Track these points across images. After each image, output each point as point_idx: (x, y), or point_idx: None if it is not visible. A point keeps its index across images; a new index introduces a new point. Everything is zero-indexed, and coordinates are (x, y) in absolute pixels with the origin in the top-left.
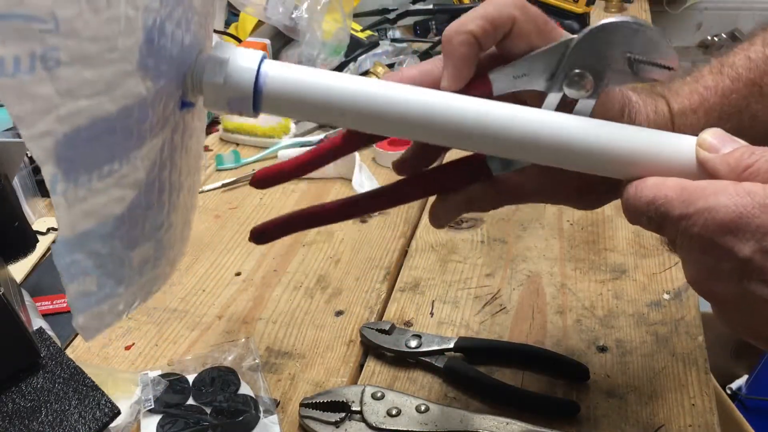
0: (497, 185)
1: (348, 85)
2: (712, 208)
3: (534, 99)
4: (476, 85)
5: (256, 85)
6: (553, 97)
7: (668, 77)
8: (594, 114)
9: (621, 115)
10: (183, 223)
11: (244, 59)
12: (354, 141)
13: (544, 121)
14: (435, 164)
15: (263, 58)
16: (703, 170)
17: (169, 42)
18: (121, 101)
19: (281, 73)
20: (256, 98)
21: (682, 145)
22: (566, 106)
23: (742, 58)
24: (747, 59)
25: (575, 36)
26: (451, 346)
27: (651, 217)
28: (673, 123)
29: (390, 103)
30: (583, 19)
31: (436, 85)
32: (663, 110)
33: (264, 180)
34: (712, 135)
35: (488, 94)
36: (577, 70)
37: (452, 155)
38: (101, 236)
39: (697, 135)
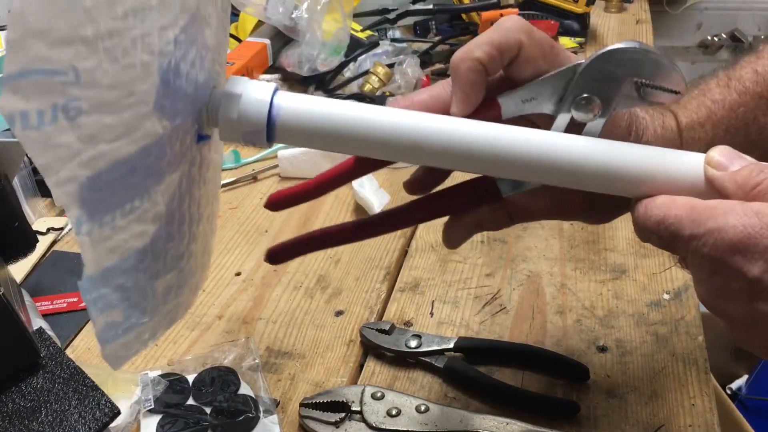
0: (507, 206)
1: (360, 114)
2: (721, 228)
3: (543, 121)
4: (485, 109)
5: (269, 119)
6: (562, 119)
7: (675, 101)
8: (602, 131)
9: (628, 131)
10: (203, 251)
11: (257, 93)
12: (366, 164)
13: (554, 144)
14: (443, 185)
15: (276, 90)
16: (712, 188)
17: (184, 81)
18: (140, 142)
19: (293, 105)
20: (270, 130)
21: (690, 163)
22: (575, 127)
23: (749, 71)
24: (754, 73)
25: (583, 61)
26: (451, 346)
27: (661, 236)
28: (681, 137)
29: (402, 132)
30: (583, 19)
31: (446, 108)
32: (671, 125)
33: (277, 203)
34: (720, 152)
35: (497, 118)
36: (585, 95)
37: (461, 176)
38: (125, 270)
39: (704, 150)
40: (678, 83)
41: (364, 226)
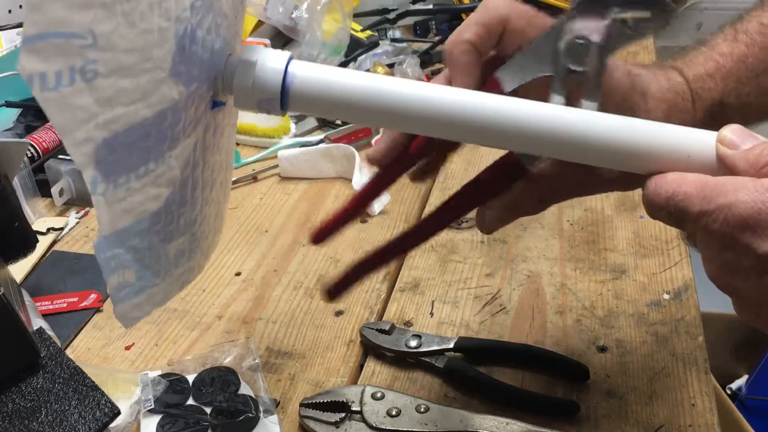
0: (539, 184)
1: (372, 84)
2: (731, 204)
3: (545, 87)
4: (487, 88)
5: (284, 86)
6: (561, 75)
7: (664, 25)
8: (605, 93)
9: (632, 88)
10: (215, 215)
11: (272, 61)
12: (385, 182)
13: (565, 117)
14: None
15: (290, 59)
16: (723, 166)
17: (200, 48)
18: (156, 107)
19: (308, 73)
20: (284, 98)
21: (701, 141)
22: (576, 83)
23: (755, 24)
24: (760, 25)
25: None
26: (451, 346)
27: (671, 212)
28: (690, 88)
29: (413, 102)
30: None
31: None
32: (676, 79)
33: (321, 235)
34: (732, 131)
35: (500, 93)
36: (578, 41)
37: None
38: (139, 232)
39: (716, 103)
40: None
41: (406, 237)
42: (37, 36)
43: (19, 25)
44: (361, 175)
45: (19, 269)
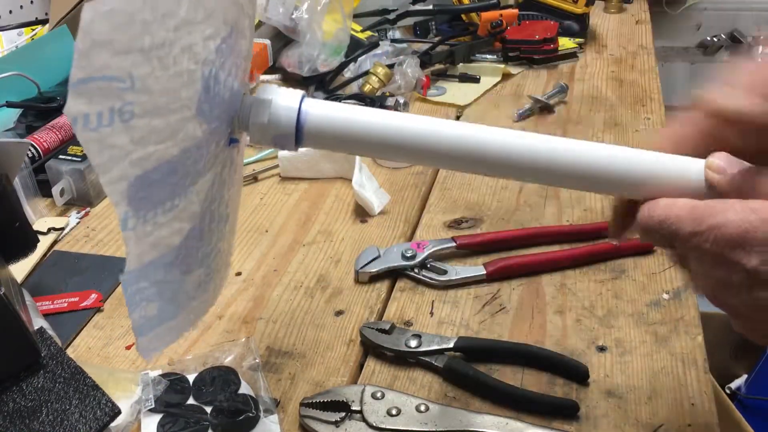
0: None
1: (382, 119)
2: (721, 224)
3: None
4: None
5: (298, 123)
6: None
7: None
8: None
9: None
10: (227, 249)
11: (286, 99)
12: None
13: (565, 149)
14: None
15: (303, 97)
16: (712, 190)
17: (222, 88)
18: (182, 144)
19: (320, 111)
20: (298, 135)
21: (691, 168)
22: None
23: None
24: None
25: None
26: (451, 345)
27: (663, 234)
28: None
29: (420, 137)
30: (582, 19)
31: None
32: None
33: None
34: (719, 158)
35: None
36: None
37: None
38: (164, 265)
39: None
40: None
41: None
42: (83, 80)
43: (20, 25)
44: (361, 175)
45: (20, 269)
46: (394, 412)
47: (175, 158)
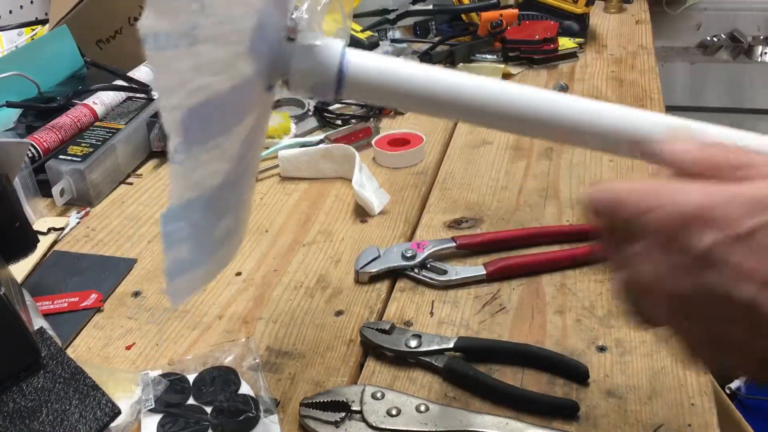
0: None
1: (423, 72)
2: (667, 203)
3: None
4: None
5: (340, 71)
6: None
7: None
8: None
9: None
10: (249, 204)
11: (329, 47)
12: None
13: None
14: None
15: (345, 45)
16: (665, 163)
17: (273, 28)
18: (233, 80)
19: (362, 60)
20: (339, 83)
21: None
22: None
23: None
24: None
25: None
26: (451, 345)
27: (607, 215)
28: None
29: (461, 90)
30: (582, 19)
31: None
32: None
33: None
34: (675, 133)
35: None
36: None
37: None
38: (201, 206)
39: None
40: None
41: None
42: None
43: (20, 25)
44: (361, 175)
45: (20, 269)
46: (394, 412)
47: (225, 94)
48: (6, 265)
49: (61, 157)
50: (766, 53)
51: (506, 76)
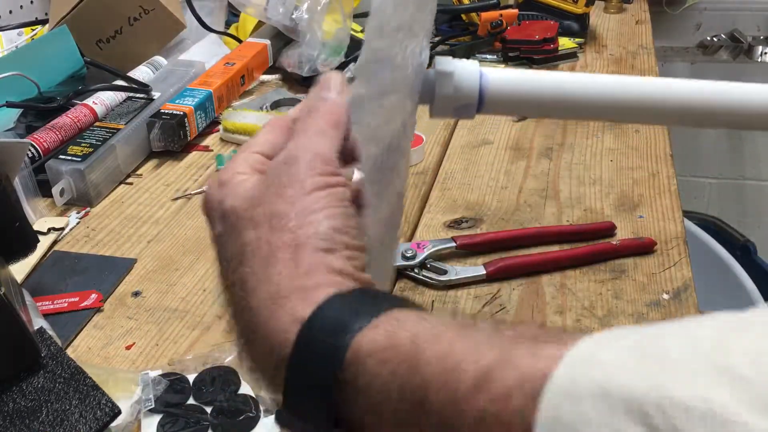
0: None
1: (557, 80)
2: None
3: None
4: None
5: (480, 92)
6: None
7: None
8: None
9: None
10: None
11: (467, 71)
12: None
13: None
14: None
15: (479, 65)
16: None
17: (420, 65)
18: (403, 117)
19: (499, 77)
20: (480, 102)
21: None
22: None
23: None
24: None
25: None
26: None
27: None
28: None
29: (597, 92)
30: (582, 19)
31: None
32: None
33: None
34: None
35: None
36: None
37: None
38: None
39: None
40: None
41: None
42: (365, 61)
43: (20, 25)
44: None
45: (19, 269)
46: None
47: (397, 133)
48: (6, 265)
49: (61, 157)
50: (766, 53)
51: None
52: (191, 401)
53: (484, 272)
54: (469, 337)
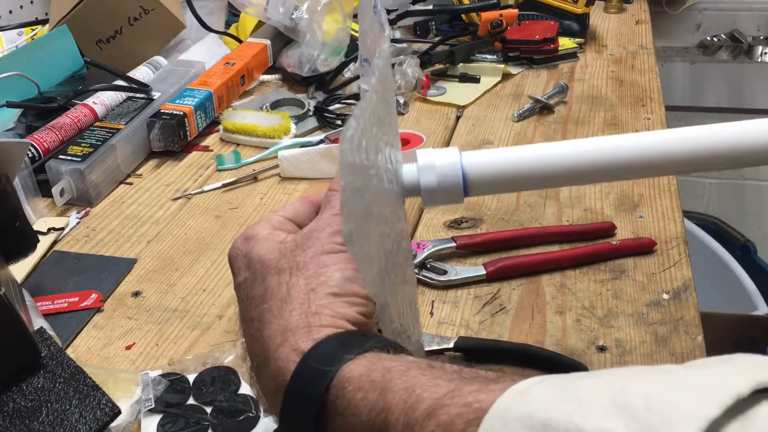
0: None
1: (538, 153)
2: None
3: None
4: None
5: (464, 180)
6: None
7: None
8: None
9: None
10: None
11: (446, 159)
12: None
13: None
14: None
15: (460, 153)
16: None
17: (400, 164)
18: (398, 226)
19: (479, 161)
20: (465, 189)
21: None
22: None
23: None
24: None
25: None
26: (451, 345)
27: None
28: None
29: (580, 158)
30: (582, 19)
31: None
32: None
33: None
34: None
35: None
36: None
37: None
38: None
39: None
40: None
41: None
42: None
43: (20, 25)
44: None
45: (19, 269)
46: None
47: (395, 237)
48: (6, 265)
49: (61, 157)
50: (766, 53)
51: (506, 75)
52: (191, 401)
53: (484, 272)
54: (432, 374)
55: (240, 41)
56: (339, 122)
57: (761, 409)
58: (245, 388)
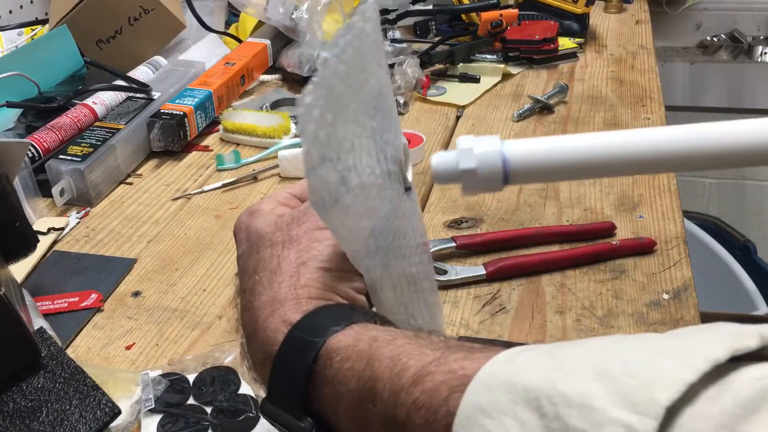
0: None
1: (581, 142)
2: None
3: None
4: None
5: (504, 164)
6: None
7: None
8: None
9: None
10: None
11: (488, 144)
12: None
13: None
14: None
15: (500, 140)
16: None
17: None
18: (392, 202)
19: (521, 148)
20: (505, 175)
21: None
22: None
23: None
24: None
25: None
26: None
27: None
28: None
29: (619, 149)
30: (582, 19)
31: None
32: None
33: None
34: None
35: None
36: None
37: None
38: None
39: None
40: None
41: None
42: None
43: (20, 25)
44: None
45: (19, 269)
46: None
47: (389, 213)
48: (6, 265)
49: (61, 157)
50: (766, 53)
51: (506, 75)
52: (191, 401)
53: (484, 272)
54: (418, 343)
55: (240, 41)
56: None
57: (738, 374)
58: (245, 388)
